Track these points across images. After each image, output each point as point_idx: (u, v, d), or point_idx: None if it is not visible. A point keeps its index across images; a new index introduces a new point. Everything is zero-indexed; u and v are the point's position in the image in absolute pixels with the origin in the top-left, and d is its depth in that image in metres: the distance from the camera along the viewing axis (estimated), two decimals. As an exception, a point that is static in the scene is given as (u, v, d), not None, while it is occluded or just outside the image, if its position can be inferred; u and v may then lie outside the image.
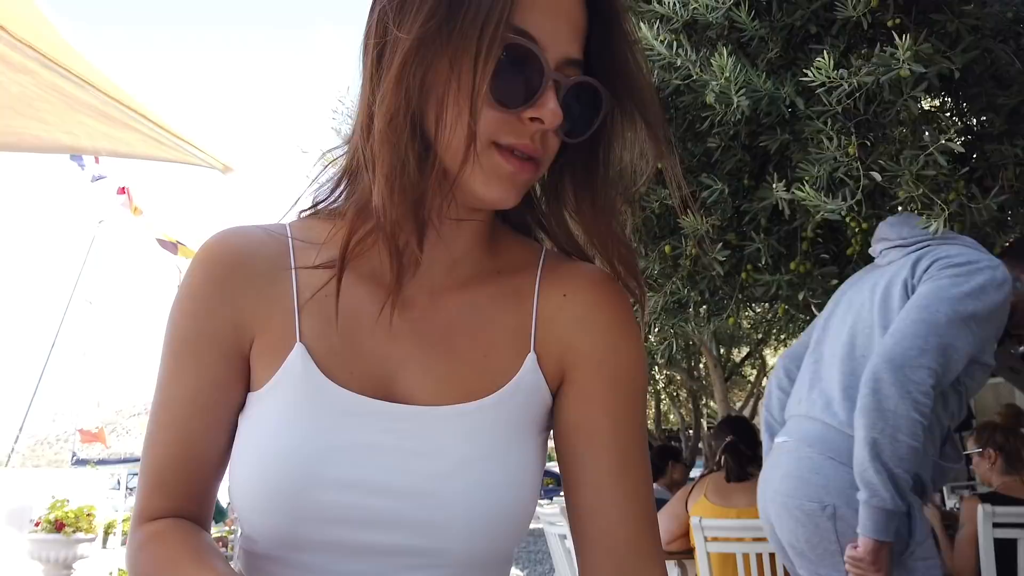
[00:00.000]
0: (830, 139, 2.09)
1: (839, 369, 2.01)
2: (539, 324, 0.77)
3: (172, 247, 8.07)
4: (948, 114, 2.64)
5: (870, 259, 2.29)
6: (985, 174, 2.32)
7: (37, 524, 6.30)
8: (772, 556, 2.81)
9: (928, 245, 2.00)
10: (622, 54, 0.74)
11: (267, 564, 0.72)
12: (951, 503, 4.89)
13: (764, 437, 2.29)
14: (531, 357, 0.76)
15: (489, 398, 0.73)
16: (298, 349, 0.72)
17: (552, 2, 0.68)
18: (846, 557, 1.84)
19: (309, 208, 0.81)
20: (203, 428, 0.73)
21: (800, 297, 2.62)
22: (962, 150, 1.96)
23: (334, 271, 0.71)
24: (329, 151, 0.80)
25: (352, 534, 0.69)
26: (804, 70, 2.04)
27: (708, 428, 10.82)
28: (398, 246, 0.70)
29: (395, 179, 0.67)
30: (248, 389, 0.75)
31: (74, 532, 6.24)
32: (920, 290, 1.90)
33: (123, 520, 8.31)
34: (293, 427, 0.70)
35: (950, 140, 1.95)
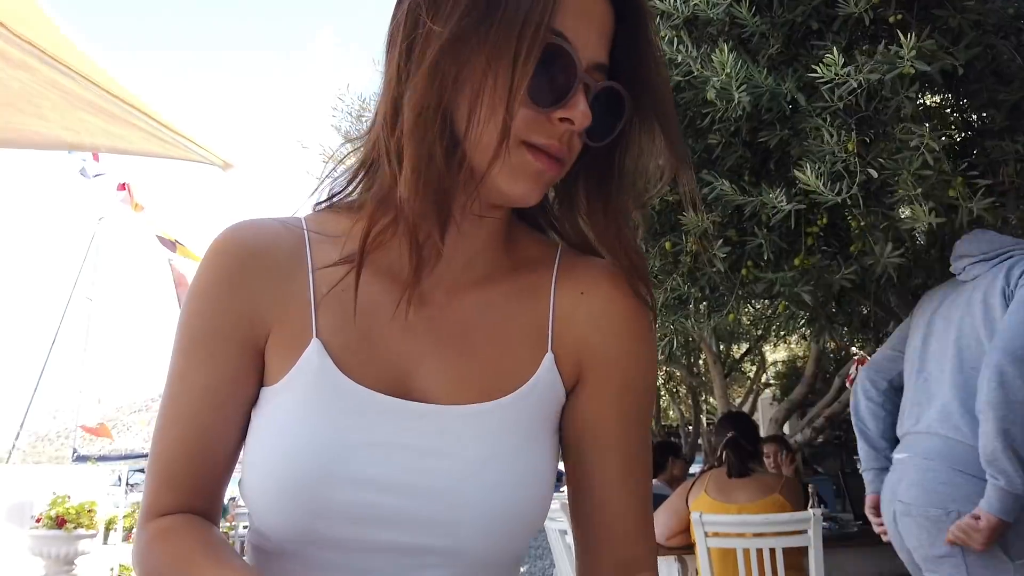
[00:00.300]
0: (831, 134, 2.09)
1: (950, 383, 2.12)
2: (556, 323, 0.77)
3: (171, 245, 8.06)
4: (948, 110, 2.64)
5: (871, 258, 2.31)
6: (985, 171, 2.33)
7: (38, 520, 6.30)
8: (772, 551, 2.82)
9: (1013, 255, 2.14)
10: (646, 63, 0.73)
11: (278, 560, 0.72)
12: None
13: (860, 444, 2.44)
14: (548, 357, 0.75)
15: (506, 398, 0.73)
16: (314, 345, 0.71)
17: (585, 6, 0.69)
18: (960, 521, 1.95)
19: (324, 201, 0.81)
20: (213, 423, 0.72)
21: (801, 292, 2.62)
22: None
23: (352, 265, 0.71)
24: (347, 142, 0.79)
25: (365, 532, 0.69)
26: (812, 66, 2.04)
27: (708, 424, 10.83)
28: (418, 239, 0.70)
29: (422, 172, 0.67)
30: (261, 384, 0.74)
31: (75, 528, 6.24)
32: (1021, 293, 2.01)
33: (124, 516, 8.31)
34: (307, 423, 0.69)
35: (949, 136, 1.96)
